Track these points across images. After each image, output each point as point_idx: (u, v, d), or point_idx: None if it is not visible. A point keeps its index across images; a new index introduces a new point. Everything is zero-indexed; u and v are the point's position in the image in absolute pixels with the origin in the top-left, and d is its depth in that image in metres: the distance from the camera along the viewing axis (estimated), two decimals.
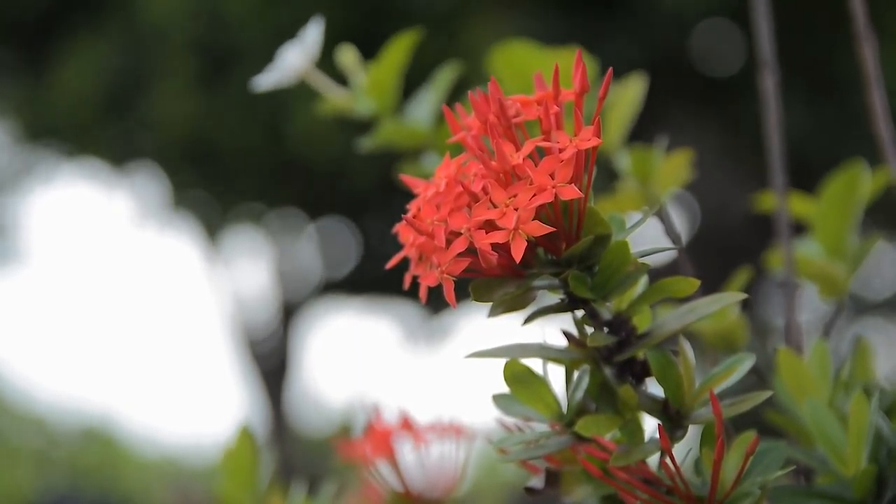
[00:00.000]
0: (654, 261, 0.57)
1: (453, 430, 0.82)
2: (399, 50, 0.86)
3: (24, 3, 4.30)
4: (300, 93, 3.67)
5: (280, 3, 3.66)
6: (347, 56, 0.88)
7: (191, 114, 3.99)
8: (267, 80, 0.86)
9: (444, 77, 0.87)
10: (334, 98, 0.88)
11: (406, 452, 0.82)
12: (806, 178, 1.15)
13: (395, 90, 0.87)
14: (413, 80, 0.92)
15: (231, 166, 4.31)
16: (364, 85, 0.87)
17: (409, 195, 0.57)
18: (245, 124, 4.01)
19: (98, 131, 4.35)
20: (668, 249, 0.59)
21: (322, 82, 0.87)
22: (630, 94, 0.86)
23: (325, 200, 4.69)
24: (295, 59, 0.85)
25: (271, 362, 5.75)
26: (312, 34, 0.85)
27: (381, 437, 0.80)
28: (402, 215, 0.55)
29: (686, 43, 4.08)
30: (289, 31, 0.90)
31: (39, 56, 4.30)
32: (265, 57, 0.89)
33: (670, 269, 0.72)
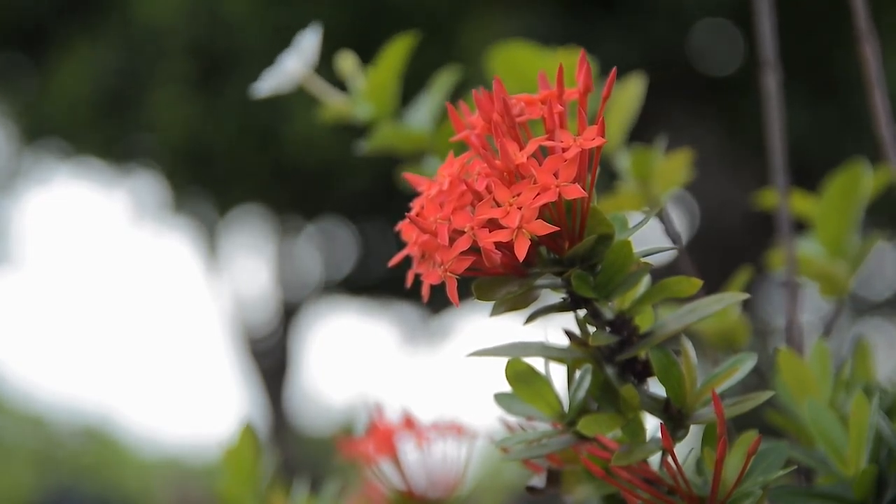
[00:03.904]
0: (655, 261, 0.57)
1: (455, 430, 0.82)
2: (396, 53, 0.86)
3: (23, 7, 4.29)
4: (299, 96, 3.67)
5: (279, 4, 3.66)
6: (346, 61, 0.88)
7: (189, 116, 3.98)
8: (265, 86, 0.85)
9: (444, 80, 0.87)
10: (333, 103, 0.88)
11: (408, 451, 0.82)
12: (805, 177, 1.15)
13: (393, 94, 0.87)
14: (411, 82, 0.91)
15: (229, 168, 4.30)
16: (362, 89, 0.87)
17: (408, 197, 0.57)
18: (243, 126, 4.01)
19: (95, 134, 4.35)
20: (670, 249, 0.59)
21: (321, 88, 0.87)
22: (629, 93, 0.86)
23: (324, 202, 4.69)
24: (293, 65, 0.85)
25: (271, 362, 5.75)
26: (310, 41, 0.85)
27: (383, 435, 0.80)
28: (406, 213, 0.55)
29: (685, 43, 4.08)
30: (288, 33, 0.90)
31: (37, 59, 4.30)
32: (263, 59, 0.89)
33: (671, 269, 0.73)
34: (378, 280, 5.18)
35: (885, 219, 3.57)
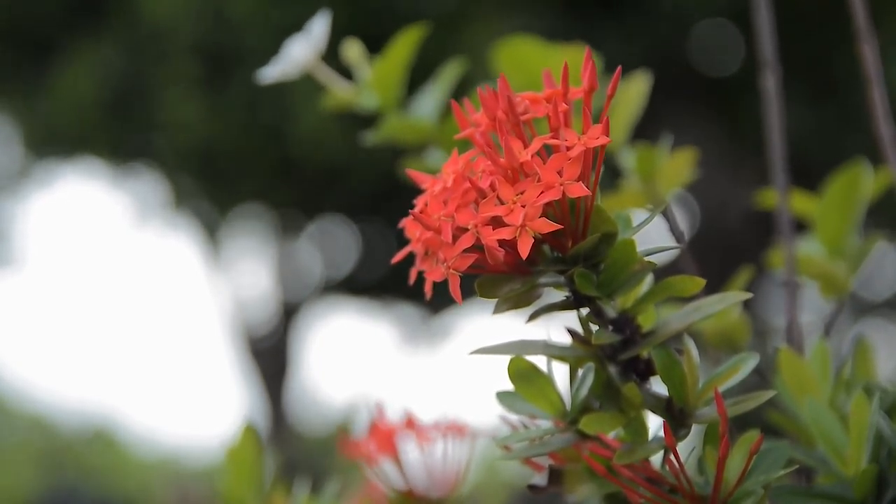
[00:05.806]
0: (657, 259, 0.57)
1: (456, 429, 0.82)
2: (404, 45, 0.86)
3: (28, 9, 4.29)
4: (304, 94, 3.67)
5: (283, 3, 3.65)
6: (353, 50, 0.88)
7: (194, 116, 3.98)
8: (272, 72, 0.85)
9: (449, 73, 0.87)
10: (339, 92, 0.88)
11: (409, 451, 0.82)
12: (805, 177, 1.15)
13: (399, 85, 0.87)
14: (414, 79, 0.91)
15: (233, 167, 4.31)
16: (369, 79, 0.87)
17: (410, 196, 0.57)
18: (249, 126, 4.01)
19: (100, 134, 4.35)
20: (674, 248, 0.59)
21: (327, 76, 0.87)
22: (634, 91, 0.86)
23: (325, 201, 4.69)
24: (301, 51, 0.85)
25: (271, 362, 5.75)
26: (319, 27, 0.85)
27: (384, 435, 0.80)
28: (409, 210, 0.55)
29: (685, 43, 4.08)
30: (292, 33, 0.90)
31: (43, 60, 4.30)
32: (268, 59, 0.89)
33: (672, 268, 0.73)
34: (378, 280, 5.18)
35: (887, 219, 3.57)
